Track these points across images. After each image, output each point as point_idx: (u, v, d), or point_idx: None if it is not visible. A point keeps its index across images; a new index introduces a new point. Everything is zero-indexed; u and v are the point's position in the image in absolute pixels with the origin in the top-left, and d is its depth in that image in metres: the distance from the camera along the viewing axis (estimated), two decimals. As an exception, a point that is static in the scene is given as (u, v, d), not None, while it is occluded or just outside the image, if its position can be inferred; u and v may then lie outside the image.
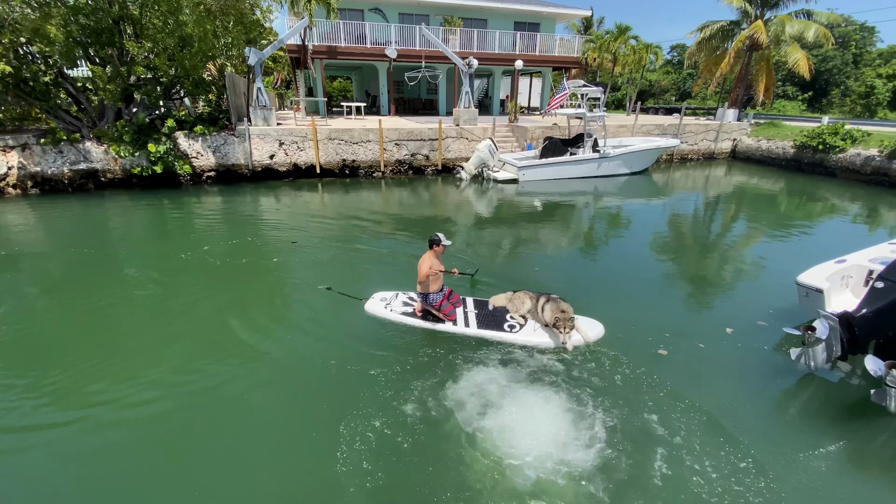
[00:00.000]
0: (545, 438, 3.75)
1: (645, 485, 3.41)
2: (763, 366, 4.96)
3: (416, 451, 3.69)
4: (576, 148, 16.13)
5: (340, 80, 42.17)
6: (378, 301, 5.93)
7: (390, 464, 3.57)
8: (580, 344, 5.14)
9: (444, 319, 5.47)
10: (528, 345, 5.17)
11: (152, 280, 7.26)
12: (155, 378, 4.66)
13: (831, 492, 3.46)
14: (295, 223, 10.54)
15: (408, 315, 5.63)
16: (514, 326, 5.38)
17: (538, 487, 3.34)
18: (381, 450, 3.70)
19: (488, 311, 5.72)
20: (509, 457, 3.58)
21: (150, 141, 13.27)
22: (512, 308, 5.65)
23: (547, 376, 4.61)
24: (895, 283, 4.38)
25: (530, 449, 3.64)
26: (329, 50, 20.15)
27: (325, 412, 4.18)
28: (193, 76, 14.34)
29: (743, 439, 3.90)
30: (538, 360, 4.92)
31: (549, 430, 3.85)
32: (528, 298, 5.58)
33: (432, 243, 5.34)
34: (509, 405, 4.13)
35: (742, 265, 8.36)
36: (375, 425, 3.94)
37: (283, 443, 3.87)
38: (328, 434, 3.88)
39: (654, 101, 43.05)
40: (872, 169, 16.07)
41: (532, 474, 3.42)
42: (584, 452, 3.64)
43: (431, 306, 5.46)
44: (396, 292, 6.12)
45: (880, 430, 4.09)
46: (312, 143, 15.13)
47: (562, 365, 4.82)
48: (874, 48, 40.84)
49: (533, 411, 4.06)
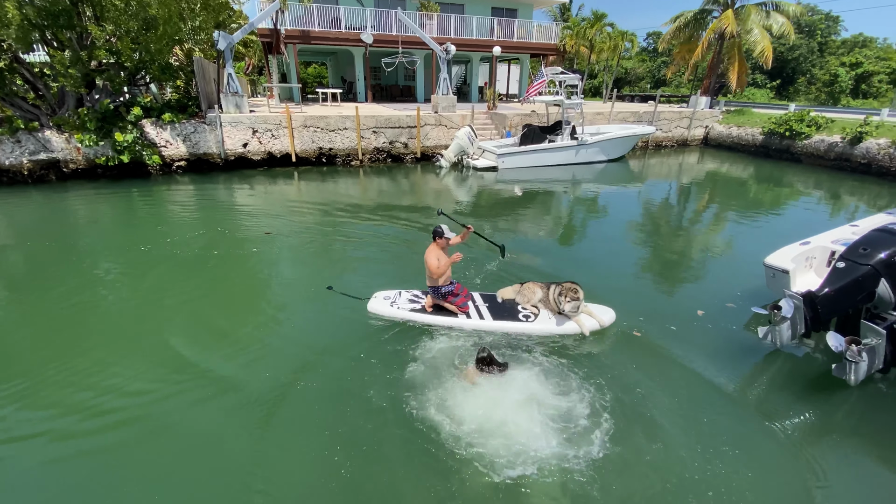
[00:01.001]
0: (526, 424, 3.83)
1: (615, 462, 3.52)
2: (732, 344, 5.17)
3: (424, 455, 3.65)
4: (554, 135, 16.24)
5: (315, 65, 41.16)
6: (382, 300, 5.62)
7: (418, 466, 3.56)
8: (595, 329, 5.20)
9: (457, 313, 5.29)
10: (546, 334, 5.13)
11: (119, 275, 6.99)
12: (124, 384, 4.38)
13: (797, 460, 3.66)
14: (270, 213, 10.32)
15: (417, 312, 5.39)
16: (529, 316, 5.30)
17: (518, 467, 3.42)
18: (401, 452, 3.61)
19: (498, 303, 5.59)
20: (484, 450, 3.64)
21: (115, 129, 12.72)
22: (522, 299, 5.55)
23: (532, 360, 4.69)
24: (855, 263, 4.59)
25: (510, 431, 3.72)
26: (302, 34, 19.60)
27: (318, 413, 4.15)
28: (159, 61, 13.74)
29: (714, 414, 4.08)
30: (523, 345, 5.00)
31: (529, 412, 3.93)
32: (538, 288, 5.50)
33: (435, 235, 5.14)
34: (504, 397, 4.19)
35: (713, 249, 8.63)
36: (396, 432, 3.81)
37: (273, 455, 3.82)
38: (333, 441, 3.80)
39: (630, 89, 43.55)
40: (835, 155, 16.73)
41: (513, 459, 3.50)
42: (556, 435, 3.73)
43: (444, 299, 5.30)
44: (399, 290, 5.84)
45: (841, 402, 4.34)
46: (287, 130, 14.78)
47: (548, 348, 4.91)
48: (838, 37, 42.18)
49: (509, 392, 4.12)
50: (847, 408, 4.29)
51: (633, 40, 29.44)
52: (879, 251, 4.54)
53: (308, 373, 4.55)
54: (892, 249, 4.53)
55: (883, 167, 15.22)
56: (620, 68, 41.04)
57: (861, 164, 15.88)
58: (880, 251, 4.53)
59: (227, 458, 3.61)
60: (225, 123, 14.09)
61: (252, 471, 3.46)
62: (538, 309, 5.44)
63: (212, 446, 3.73)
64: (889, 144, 15.07)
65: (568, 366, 4.60)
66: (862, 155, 15.83)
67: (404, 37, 20.24)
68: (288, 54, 20.06)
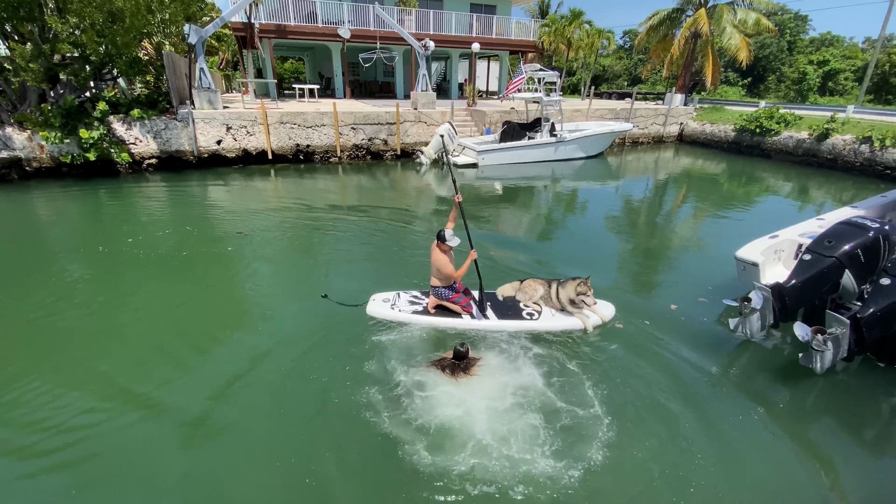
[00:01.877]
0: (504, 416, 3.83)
1: (591, 457, 3.55)
2: (705, 337, 5.28)
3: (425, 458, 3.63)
4: (534, 132, 16.32)
5: (292, 60, 40.46)
6: (381, 302, 5.47)
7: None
8: (598, 324, 5.25)
9: (461, 313, 5.23)
10: (551, 331, 5.12)
11: (85, 279, 6.69)
12: (90, 402, 4.07)
13: (767, 445, 3.76)
14: (245, 212, 10.07)
15: (419, 314, 5.30)
16: (533, 314, 5.29)
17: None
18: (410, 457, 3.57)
19: (499, 301, 5.55)
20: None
21: (81, 126, 12.22)
22: (523, 297, 5.52)
23: (521, 357, 4.69)
24: (820, 255, 4.73)
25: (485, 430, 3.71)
26: (277, 29, 19.19)
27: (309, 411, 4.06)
28: (127, 55, 13.26)
29: (687, 403, 4.16)
30: (515, 344, 4.99)
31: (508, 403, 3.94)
32: (539, 285, 5.50)
33: (439, 238, 5.04)
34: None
35: (687, 244, 8.81)
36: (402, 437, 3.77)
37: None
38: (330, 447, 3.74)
39: (608, 86, 44.11)
40: (803, 150, 17.28)
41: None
42: (532, 428, 3.75)
43: (447, 300, 5.23)
44: (398, 292, 5.72)
45: (808, 389, 4.48)
46: (263, 127, 14.46)
47: (534, 343, 4.92)
48: (807, 36, 43.57)
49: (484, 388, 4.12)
50: (813, 396, 4.43)
51: (609, 38, 29.82)
52: (843, 243, 4.69)
53: (292, 381, 4.45)
54: (855, 242, 4.69)
55: (848, 162, 15.79)
56: (598, 66, 41.52)
57: (828, 160, 16.44)
58: (844, 243, 4.69)
59: (193, 482, 3.47)
60: (197, 120, 13.70)
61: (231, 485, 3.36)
62: (540, 306, 5.43)
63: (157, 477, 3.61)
64: (854, 140, 15.64)
65: (545, 359, 4.63)
66: (828, 151, 16.39)
67: (382, 32, 20.02)
68: (263, 49, 19.62)
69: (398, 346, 4.84)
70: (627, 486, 3.34)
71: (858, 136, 15.53)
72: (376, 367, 4.48)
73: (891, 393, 4.42)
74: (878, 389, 4.46)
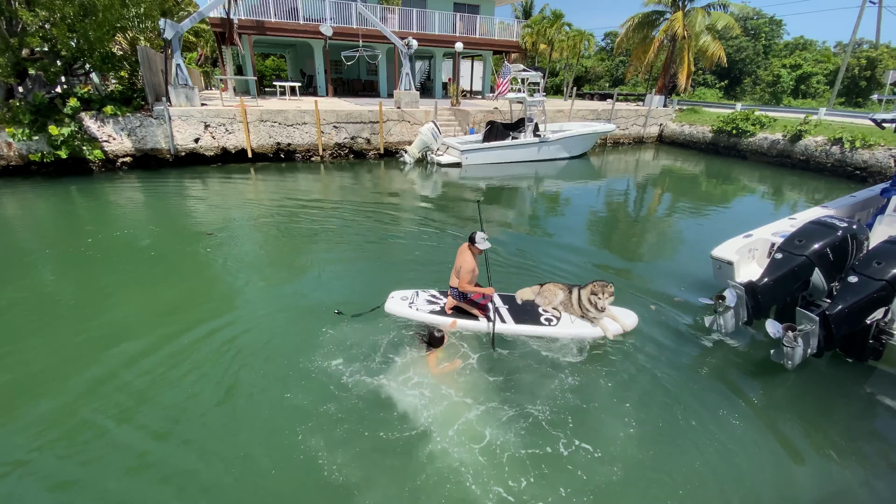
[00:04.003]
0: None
1: (568, 455, 3.59)
2: (681, 335, 5.37)
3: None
4: (517, 132, 16.39)
5: (274, 57, 39.87)
6: (399, 300, 5.45)
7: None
8: (619, 332, 5.09)
9: (478, 316, 5.15)
10: (569, 338, 5.00)
11: (53, 281, 6.50)
12: (57, 417, 3.87)
13: (741, 436, 3.86)
14: (221, 212, 9.88)
15: (436, 314, 5.23)
16: (552, 320, 5.16)
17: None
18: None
19: (518, 305, 5.45)
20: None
21: (50, 122, 11.81)
22: (542, 301, 5.41)
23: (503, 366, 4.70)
24: (792, 253, 4.86)
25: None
26: (257, 25, 18.87)
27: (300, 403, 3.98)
28: (100, 50, 12.88)
29: (664, 398, 4.25)
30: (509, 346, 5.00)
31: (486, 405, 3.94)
32: (559, 290, 5.38)
33: (470, 241, 4.91)
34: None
35: (665, 244, 8.97)
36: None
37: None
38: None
39: (590, 87, 44.63)
40: (777, 151, 17.76)
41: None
42: (513, 429, 3.77)
43: (464, 301, 5.12)
44: (416, 290, 5.67)
45: (779, 384, 4.59)
46: (243, 125, 14.20)
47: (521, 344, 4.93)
48: (781, 40, 44.75)
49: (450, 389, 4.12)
50: (783, 390, 4.54)
51: (590, 40, 30.17)
52: (813, 242, 4.82)
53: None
54: (824, 241, 4.83)
55: (820, 163, 16.29)
56: (580, 67, 41.97)
57: (801, 161, 16.93)
58: (814, 242, 4.82)
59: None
60: (174, 117, 13.38)
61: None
62: (559, 312, 5.33)
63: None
64: (826, 142, 16.14)
65: (522, 364, 4.65)
66: (801, 152, 16.88)
67: (365, 30, 19.86)
68: (242, 45, 19.27)
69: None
70: (598, 479, 3.37)
71: (830, 138, 16.04)
72: (382, 363, 4.44)
73: (858, 387, 4.57)
74: (846, 384, 4.59)
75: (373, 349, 4.75)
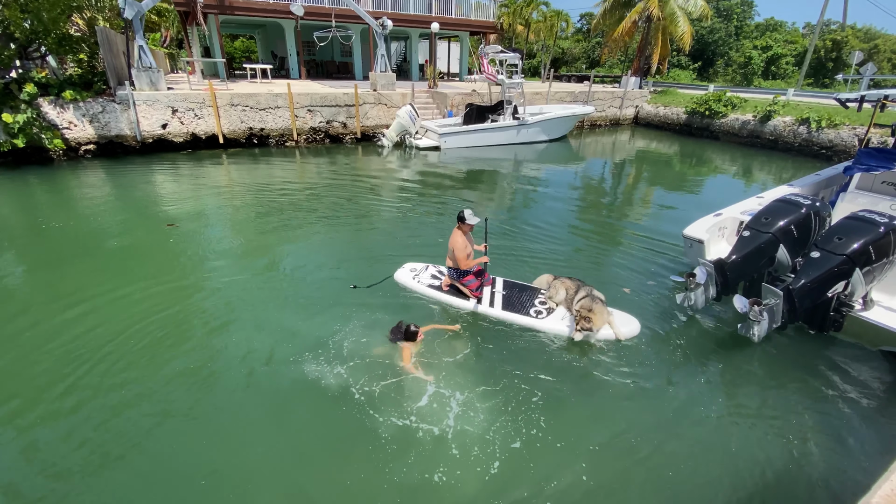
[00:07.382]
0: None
1: (546, 435, 3.69)
2: (655, 313, 5.53)
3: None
4: (496, 115, 16.31)
5: (243, 38, 38.42)
6: (408, 271, 5.93)
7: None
8: (611, 338, 4.87)
9: (469, 297, 5.33)
10: (553, 333, 4.97)
11: (9, 277, 6.24)
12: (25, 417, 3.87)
13: (711, 407, 4.05)
14: (189, 199, 9.57)
15: (434, 288, 5.58)
16: (541, 312, 5.18)
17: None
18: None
19: (515, 293, 5.52)
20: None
21: (5, 109, 11.15)
22: (548, 293, 5.45)
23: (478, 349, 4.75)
24: (758, 231, 5.02)
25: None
26: (222, 5, 18.09)
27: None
28: (55, 31, 12.16)
29: (637, 371, 4.42)
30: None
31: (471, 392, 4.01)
32: (563, 287, 5.29)
33: (459, 220, 5.04)
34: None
35: (639, 224, 9.13)
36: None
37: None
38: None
39: (567, 69, 44.52)
40: (748, 132, 18.19)
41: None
42: (492, 413, 3.85)
43: (458, 282, 5.34)
44: (427, 264, 6.08)
45: (747, 357, 4.80)
46: (212, 109, 13.72)
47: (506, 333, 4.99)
48: (752, 21, 45.40)
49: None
50: (751, 362, 4.75)
51: (567, 20, 29.99)
52: (778, 220, 4.99)
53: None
54: (789, 218, 5.00)
55: (788, 143, 16.77)
56: (557, 48, 41.78)
57: (770, 141, 17.40)
58: (779, 220, 4.99)
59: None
60: (139, 102, 12.82)
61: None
62: (555, 306, 5.29)
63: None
64: (793, 122, 16.59)
65: (501, 348, 4.72)
66: (770, 132, 17.33)
67: (337, 9, 19.25)
68: (209, 26, 18.47)
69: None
70: (574, 458, 3.50)
71: (798, 118, 16.49)
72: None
73: (819, 357, 4.81)
74: (808, 354, 4.83)
75: (345, 343, 4.75)
